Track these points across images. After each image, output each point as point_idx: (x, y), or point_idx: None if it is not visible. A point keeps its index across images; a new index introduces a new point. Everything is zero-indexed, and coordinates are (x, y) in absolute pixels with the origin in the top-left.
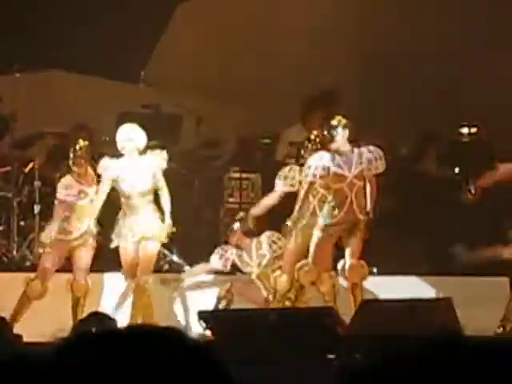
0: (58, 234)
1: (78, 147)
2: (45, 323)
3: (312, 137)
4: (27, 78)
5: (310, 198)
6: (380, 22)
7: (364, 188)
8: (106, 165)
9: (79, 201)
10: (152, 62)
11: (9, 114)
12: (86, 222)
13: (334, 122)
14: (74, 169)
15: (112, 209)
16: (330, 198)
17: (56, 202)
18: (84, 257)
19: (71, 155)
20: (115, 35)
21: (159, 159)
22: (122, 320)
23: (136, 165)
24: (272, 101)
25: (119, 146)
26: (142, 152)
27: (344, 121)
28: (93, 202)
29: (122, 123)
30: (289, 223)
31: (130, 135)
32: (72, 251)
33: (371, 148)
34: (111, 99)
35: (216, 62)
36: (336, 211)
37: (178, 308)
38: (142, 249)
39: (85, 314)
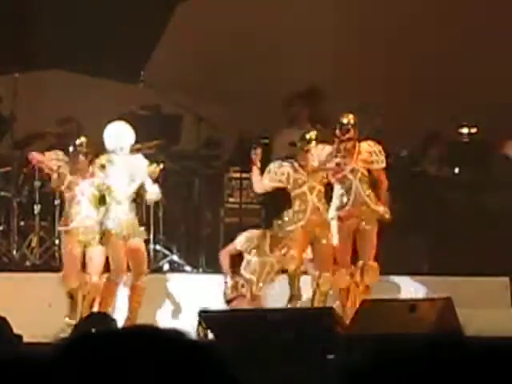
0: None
1: (78, 143)
2: (45, 323)
3: (307, 136)
4: (27, 78)
5: (308, 195)
6: (379, 21)
7: (373, 183)
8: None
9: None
10: (152, 62)
11: (9, 114)
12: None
13: (344, 120)
14: (72, 163)
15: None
16: (338, 187)
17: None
18: (93, 255)
19: (71, 149)
20: (115, 35)
21: (148, 163)
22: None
23: (126, 163)
24: (272, 100)
25: (110, 144)
26: (132, 151)
27: (353, 118)
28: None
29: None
30: (283, 222)
31: (121, 133)
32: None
33: (370, 142)
34: (111, 99)
35: (216, 62)
36: (345, 198)
37: (177, 308)
38: (130, 247)
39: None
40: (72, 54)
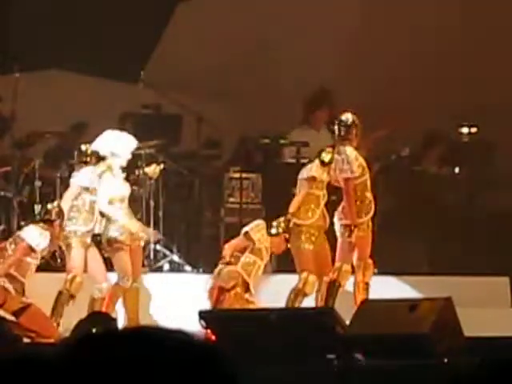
0: None
1: (81, 150)
2: None
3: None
4: (27, 78)
5: (320, 198)
6: (380, 21)
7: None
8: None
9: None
10: (152, 62)
11: (9, 114)
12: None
13: (343, 118)
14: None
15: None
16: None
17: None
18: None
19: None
20: (115, 35)
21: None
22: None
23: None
24: (272, 101)
25: (126, 156)
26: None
27: (354, 117)
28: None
29: (123, 123)
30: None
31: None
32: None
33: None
34: (111, 99)
35: (216, 62)
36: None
37: (177, 308)
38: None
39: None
40: (72, 54)
